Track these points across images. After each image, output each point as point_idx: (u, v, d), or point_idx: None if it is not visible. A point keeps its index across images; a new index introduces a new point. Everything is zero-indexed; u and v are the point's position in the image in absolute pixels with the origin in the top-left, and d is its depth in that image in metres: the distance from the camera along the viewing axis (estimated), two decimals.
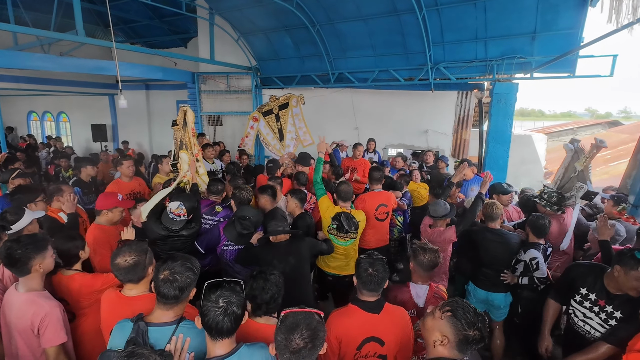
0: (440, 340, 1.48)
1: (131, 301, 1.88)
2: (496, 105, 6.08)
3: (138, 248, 1.91)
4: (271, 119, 5.57)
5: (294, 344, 1.32)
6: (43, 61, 5.93)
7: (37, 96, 12.83)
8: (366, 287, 1.96)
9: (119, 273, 1.86)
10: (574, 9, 5.00)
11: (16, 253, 1.92)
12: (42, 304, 1.91)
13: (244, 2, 6.93)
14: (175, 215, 2.84)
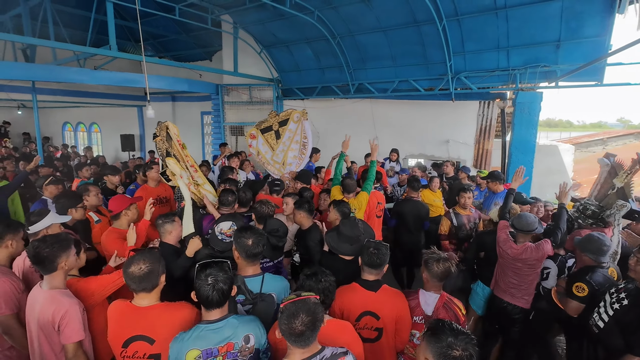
0: None
1: (144, 312, 1.84)
2: (519, 114, 5.97)
3: (152, 256, 1.89)
4: (270, 136, 5.24)
5: (297, 330, 1.45)
6: (79, 74, 6.30)
7: (72, 108, 13.55)
8: (367, 264, 2.24)
9: (133, 282, 1.82)
10: (600, 16, 4.89)
11: (44, 252, 2.01)
12: (63, 302, 1.98)
13: (267, 16, 7.15)
14: (227, 236, 2.74)
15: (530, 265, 2.99)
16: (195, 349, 1.64)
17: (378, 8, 6.06)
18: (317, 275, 1.90)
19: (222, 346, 1.69)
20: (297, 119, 4.97)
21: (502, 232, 3.20)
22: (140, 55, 6.01)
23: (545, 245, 2.96)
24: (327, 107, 8.76)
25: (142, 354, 1.82)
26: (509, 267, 3.09)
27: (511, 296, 3.11)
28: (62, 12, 7.73)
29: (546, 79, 5.76)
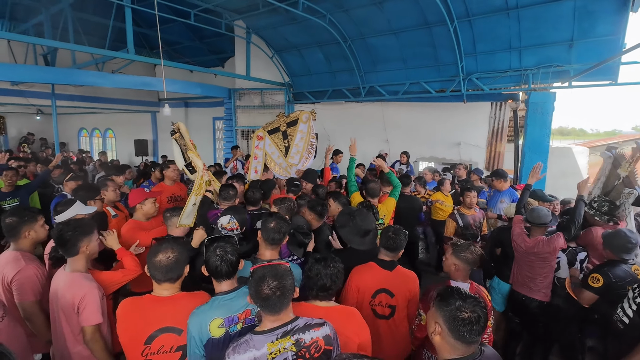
0: (435, 330, 1.45)
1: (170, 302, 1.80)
2: (532, 115, 5.94)
3: (179, 245, 1.86)
4: (277, 137, 5.21)
5: (264, 293, 1.48)
6: (97, 78, 6.50)
7: (88, 114, 13.91)
8: (384, 246, 2.40)
9: (159, 271, 1.76)
10: (613, 14, 4.87)
11: (66, 234, 2.08)
12: (83, 285, 2.02)
13: (280, 20, 7.29)
14: (228, 230, 2.72)
15: (543, 259, 3.02)
16: (218, 317, 1.73)
17: (389, 10, 6.14)
18: (327, 260, 1.88)
19: (240, 313, 1.79)
20: (306, 119, 4.98)
21: (517, 226, 3.24)
22: (158, 59, 6.20)
23: (558, 239, 2.97)
24: (338, 110, 8.82)
25: (168, 347, 1.76)
26: (524, 261, 3.14)
27: (529, 289, 3.13)
28: (81, 19, 8.00)
29: (559, 79, 5.73)
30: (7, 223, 2.33)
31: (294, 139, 5.03)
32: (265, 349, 1.45)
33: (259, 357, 1.44)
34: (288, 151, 5.03)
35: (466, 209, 4.21)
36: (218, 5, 7.03)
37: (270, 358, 1.44)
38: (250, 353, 1.44)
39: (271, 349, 1.45)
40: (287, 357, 1.47)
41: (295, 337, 1.50)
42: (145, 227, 3.13)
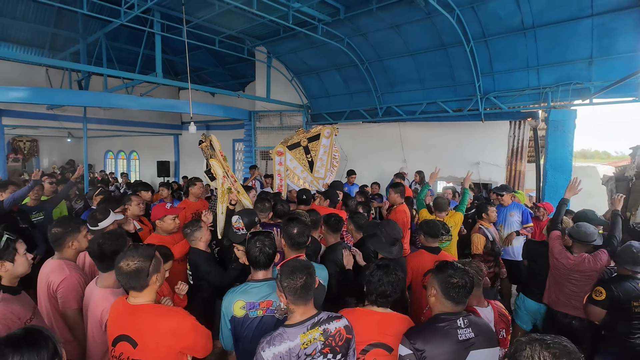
0: (432, 292, 1.82)
1: (133, 310, 1.74)
2: (553, 132, 5.88)
3: (143, 253, 1.76)
4: (299, 152, 5.30)
5: (296, 285, 1.64)
6: (127, 100, 6.87)
7: (114, 137, 14.55)
8: (427, 234, 3.02)
9: (121, 278, 1.73)
10: (633, 31, 4.88)
11: (109, 247, 2.10)
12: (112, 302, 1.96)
13: (299, 45, 7.60)
14: (235, 228, 2.89)
15: (588, 277, 2.90)
16: (241, 300, 1.96)
17: (406, 33, 6.32)
18: (389, 267, 1.92)
19: (262, 301, 1.96)
20: (329, 134, 5.10)
21: (556, 242, 3.11)
22: (185, 82, 6.54)
23: (603, 255, 2.87)
24: (356, 130, 8.94)
25: (125, 357, 1.71)
26: (565, 279, 3.00)
27: (574, 308, 2.95)
28: (114, 47, 8.55)
29: (579, 97, 5.69)
30: (52, 233, 2.40)
31: (317, 153, 5.13)
32: (298, 340, 1.60)
33: (293, 347, 1.58)
34: (313, 166, 5.13)
35: (488, 224, 4.14)
36: (241, 32, 7.41)
37: (303, 348, 1.59)
38: (286, 344, 1.58)
39: (303, 340, 1.60)
40: (316, 346, 1.61)
41: (322, 327, 1.65)
42: (167, 241, 3.11)
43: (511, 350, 1.21)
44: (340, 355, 1.66)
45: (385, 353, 1.79)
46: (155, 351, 1.68)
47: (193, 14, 6.46)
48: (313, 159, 5.18)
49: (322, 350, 1.62)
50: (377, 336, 1.81)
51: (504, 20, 5.48)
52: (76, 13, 7.72)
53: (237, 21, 6.82)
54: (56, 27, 8.26)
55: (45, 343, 1.20)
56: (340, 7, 6.03)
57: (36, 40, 8.79)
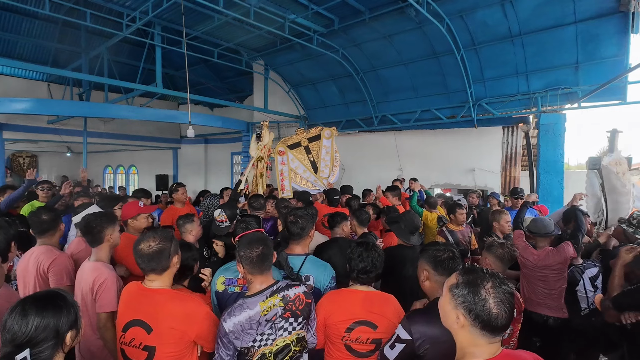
0: (425, 276, 1.79)
1: (150, 294, 1.71)
2: (544, 136, 6.02)
3: (164, 234, 1.78)
4: (300, 152, 5.43)
5: (252, 255, 1.71)
6: (127, 111, 7.01)
7: (114, 152, 14.67)
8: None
9: (142, 260, 1.71)
10: (615, 37, 5.09)
11: (93, 223, 2.21)
12: (103, 271, 2.09)
13: (296, 57, 7.83)
14: (219, 221, 2.96)
15: (556, 271, 2.91)
16: (222, 276, 2.12)
17: (399, 43, 6.55)
18: (368, 244, 2.01)
19: (240, 278, 2.08)
20: (329, 135, 5.26)
21: (520, 240, 3.15)
22: (183, 93, 6.69)
23: (567, 247, 2.90)
24: (352, 139, 9.08)
25: (137, 342, 1.66)
26: (535, 277, 2.99)
27: (548, 308, 2.95)
28: (115, 62, 8.76)
29: (568, 101, 5.86)
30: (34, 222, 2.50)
31: (319, 154, 5.25)
32: (258, 308, 1.66)
33: (253, 315, 1.65)
34: (317, 166, 5.26)
35: (455, 226, 4.21)
36: (239, 45, 7.65)
37: (263, 314, 1.66)
38: (245, 313, 1.65)
39: (263, 307, 1.67)
40: (277, 312, 1.68)
41: (281, 294, 1.72)
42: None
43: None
44: (301, 319, 1.75)
45: (369, 330, 1.82)
46: (169, 337, 1.64)
47: (193, 27, 6.69)
48: (315, 159, 5.31)
49: (283, 315, 1.69)
50: (361, 314, 1.84)
51: (492, 29, 5.70)
52: (79, 29, 7.99)
53: (235, 33, 7.06)
54: (59, 43, 8.49)
55: (67, 311, 1.19)
56: (335, 18, 6.27)
57: (39, 56, 9.03)
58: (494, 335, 1.16)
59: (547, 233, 2.99)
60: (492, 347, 1.18)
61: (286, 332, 1.70)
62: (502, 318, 1.12)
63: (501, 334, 1.16)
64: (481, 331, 1.15)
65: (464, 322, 1.17)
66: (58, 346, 1.14)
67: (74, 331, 1.20)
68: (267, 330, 1.66)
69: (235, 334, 1.63)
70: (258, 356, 1.66)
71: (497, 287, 1.15)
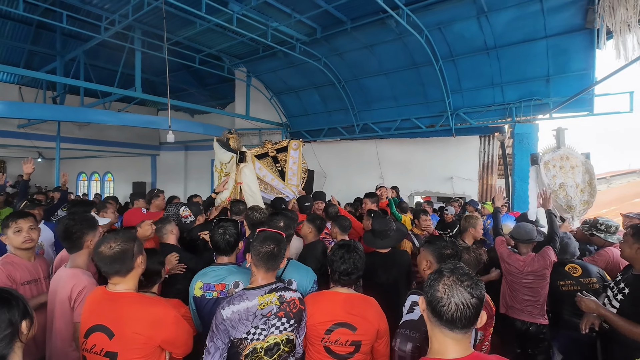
0: (427, 265, 1.96)
1: (114, 298, 1.64)
2: (519, 145, 6.25)
3: (125, 235, 1.73)
4: (268, 161, 5.57)
5: (263, 251, 1.79)
6: (104, 115, 6.82)
7: (88, 158, 14.20)
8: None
9: (103, 263, 1.64)
10: (583, 51, 5.37)
11: (73, 228, 2.11)
12: (82, 279, 2.00)
13: (278, 65, 7.86)
14: (184, 217, 3.21)
15: (541, 276, 2.95)
16: (200, 281, 2.11)
17: (380, 53, 6.69)
18: (350, 246, 2.00)
19: (217, 284, 2.09)
20: (296, 147, 5.42)
21: (503, 247, 3.16)
22: (162, 98, 6.57)
23: (549, 251, 2.96)
24: (334, 147, 9.15)
25: (99, 348, 1.58)
26: (520, 284, 3.00)
27: (530, 315, 2.98)
28: (92, 66, 8.54)
29: (540, 112, 6.12)
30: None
31: (287, 163, 5.38)
32: (256, 301, 1.73)
33: (251, 307, 1.71)
34: (284, 174, 5.35)
35: (419, 231, 4.35)
36: (221, 51, 7.62)
37: (260, 308, 1.72)
38: (244, 303, 1.72)
39: (261, 301, 1.74)
40: (272, 309, 1.74)
41: (279, 293, 1.78)
42: None
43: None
44: (293, 321, 1.77)
45: (349, 332, 1.81)
46: (133, 342, 1.57)
47: (174, 32, 6.62)
48: (283, 168, 5.45)
49: (277, 313, 1.74)
50: (341, 316, 1.84)
51: (468, 41, 5.91)
52: (54, 31, 7.76)
53: (218, 40, 7.04)
54: (33, 44, 8.21)
55: (16, 302, 1.20)
56: (317, 27, 6.35)
57: (10, 57, 8.69)
58: (444, 325, 1.17)
59: (530, 239, 3.02)
60: (457, 346, 1.19)
61: (277, 330, 1.74)
62: (446, 305, 1.15)
63: (452, 327, 1.17)
64: (433, 317, 1.20)
65: (423, 306, 1.25)
66: (15, 335, 1.16)
67: (28, 320, 1.21)
68: (261, 324, 1.71)
69: (233, 322, 1.67)
70: (249, 350, 1.68)
71: (454, 279, 1.18)
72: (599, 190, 5.74)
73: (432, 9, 5.52)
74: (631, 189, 9.41)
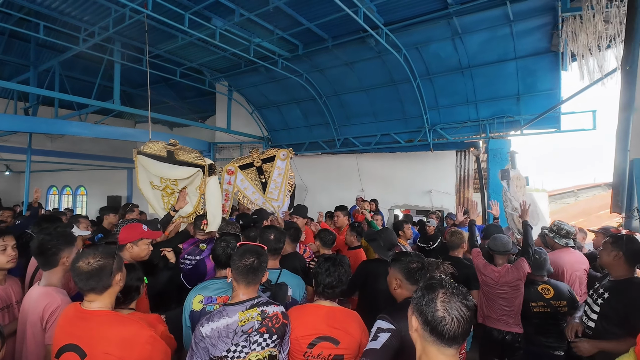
0: (397, 284, 1.94)
1: (87, 316, 1.57)
2: (493, 159, 6.51)
3: (105, 250, 1.66)
4: (251, 172, 5.20)
5: (243, 265, 1.78)
6: (79, 128, 6.64)
7: (59, 171, 13.68)
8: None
9: (80, 279, 1.57)
10: (549, 72, 5.72)
11: (48, 243, 2.03)
12: (56, 298, 1.90)
13: (260, 79, 7.93)
14: None
15: (515, 287, 3.05)
16: (200, 295, 2.08)
17: (359, 70, 6.88)
18: (336, 260, 2.02)
19: (219, 297, 2.09)
20: (284, 157, 5.08)
21: (479, 258, 3.25)
22: (141, 111, 6.47)
23: (523, 264, 3.06)
24: (315, 161, 9.22)
25: None
26: (496, 294, 3.10)
27: (507, 324, 3.08)
28: (68, 77, 8.33)
29: (512, 128, 6.42)
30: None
31: (271, 175, 5.02)
32: (236, 317, 1.70)
33: (231, 323, 1.68)
34: (266, 187, 5.01)
35: (404, 241, 4.43)
36: (203, 65, 7.62)
37: (240, 325, 1.69)
38: (224, 320, 1.68)
39: (241, 317, 1.71)
40: (253, 325, 1.71)
41: (260, 308, 1.76)
42: None
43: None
44: (276, 337, 1.75)
45: (332, 346, 1.81)
46: None
47: (155, 45, 6.59)
48: (267, 180, 5.09)
49: (259, 329, 1.71)
50: (324, 329, 1.83)
51: (444, 61, 6.18)
52: (28, 41, 7.56)
53: (199, 54, 7.05)
54: (4, 54, 7.95)
55: None
56: (299, 44, 6.48)
57: None
58: (444, 343, 1.16)
59: (506, 251, 3.16)
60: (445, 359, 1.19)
61: (259, 347, 1.71)
62: (448, 324, 1.15)
63: (452, 345, 1.17)
64: (430, 336, 1.18)
65: (417, 326, 1.22)
66: None
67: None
68: (242, 341, 1.67)
69: (212, 339, 1.64)
70: None
71: (449, 295, 1.19)
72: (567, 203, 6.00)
73: (409, 29, 5.76)
74: (597, 201, 9.93)
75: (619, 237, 2.42)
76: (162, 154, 3.76)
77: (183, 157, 3.81)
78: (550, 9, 4.94)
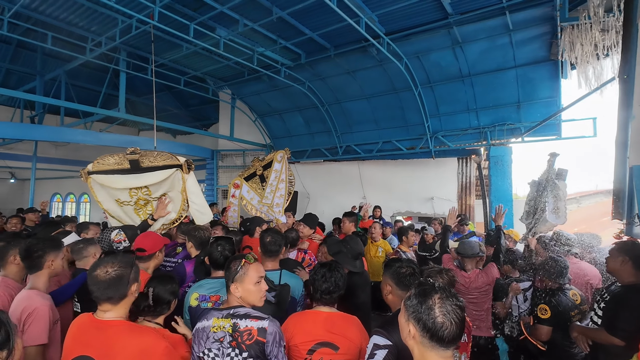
0: (388, 290, 1.91)
1: (103, 326, 1.54)
2: (494, 166, 6.55)
3: (123, 259, 1.65)
4: (255, 182, 5.28)
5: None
6: (84, 135, 6.73)
7: (63, 179, 13.78)
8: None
9: (97, 288, 1.55)
10: (549, 80, 5.78)
11: (35, 246, 2.07)
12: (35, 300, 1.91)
13: (263, 88, 8.04)
14: (116, 242, 2.75)
15: (484, 292, 3.11)
16: (196, 292, 2.23)
17: (361, 78, 6.97)
18: (332, 265, 2.06)
19: (212, 295, 2.21)
20: (281, 158, 5.18)
21: (450, 264, 3.31)
22: (145, 119, 6.56)
23: (493, 268, 3.14)
24: (317, 168, 9.28)
25: None
26: (467, 300, 3.09)
27: (479, 329, 3.12)
28: (74, 86, 8.46)
29: (513, 135, 6.47)
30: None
31: (268, 179, 5.12)
32: (211, 321, 1.70)
33: (206, 326, 1.70)
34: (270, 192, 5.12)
35: (406, 247, 4.47)
36: (206, 73, 7.74)
37: (212, 331, 1.67)
38: (204, 322, 1.72)
39: (214, 324, 1.69)
40: (224, 336, 1.65)
41: (234, 320, 1.68)
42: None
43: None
44: (246, 354, 1.61)
45: (331, 352, 1.81)
46: None
47: (160, 54, 6.70)
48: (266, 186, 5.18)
49: (230, 342, 1.63)
50: (323, 335, 1.84)
51: (445, 69, 6.26)
52: (35, 51, 7.70)
53: (204, 63, 7.16)
54: (11, 63, 8.09)
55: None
56: (302, 53, 6.58)
57: None
58: (443, 347, 1.19)
59: (473, 254, 3.19)
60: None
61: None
62: (448, 328, 1.17)
63: (450, 347, 1.20)
64: (430, 342, 1.19)
65: (415, 333, 1.22)
66: None
67: (4, 352, 1.12)
68: (214, 348, 1.64)
69: (196, 337, 1.70)
70: None
71: (444, 299, 1.22)
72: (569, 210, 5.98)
73: (410, 38, 5.85)
74: (599, 208, 9.93)
75: (624, 243, 2.47)
76: (124, 166, 3.46)
77: (150, 162, 3.46)
78: (549, 18, 5.02)
